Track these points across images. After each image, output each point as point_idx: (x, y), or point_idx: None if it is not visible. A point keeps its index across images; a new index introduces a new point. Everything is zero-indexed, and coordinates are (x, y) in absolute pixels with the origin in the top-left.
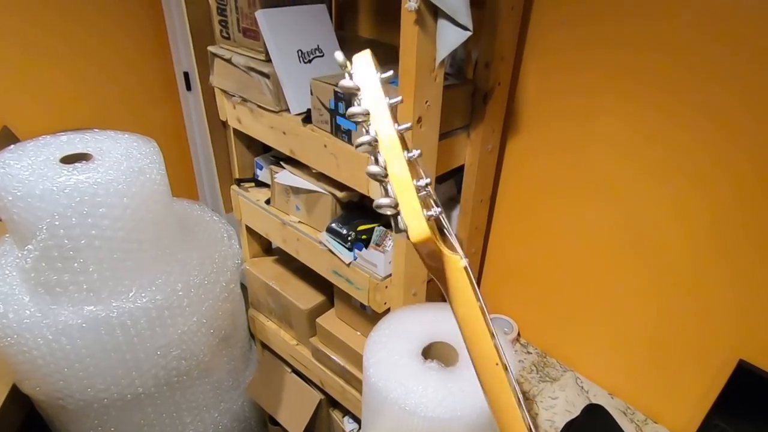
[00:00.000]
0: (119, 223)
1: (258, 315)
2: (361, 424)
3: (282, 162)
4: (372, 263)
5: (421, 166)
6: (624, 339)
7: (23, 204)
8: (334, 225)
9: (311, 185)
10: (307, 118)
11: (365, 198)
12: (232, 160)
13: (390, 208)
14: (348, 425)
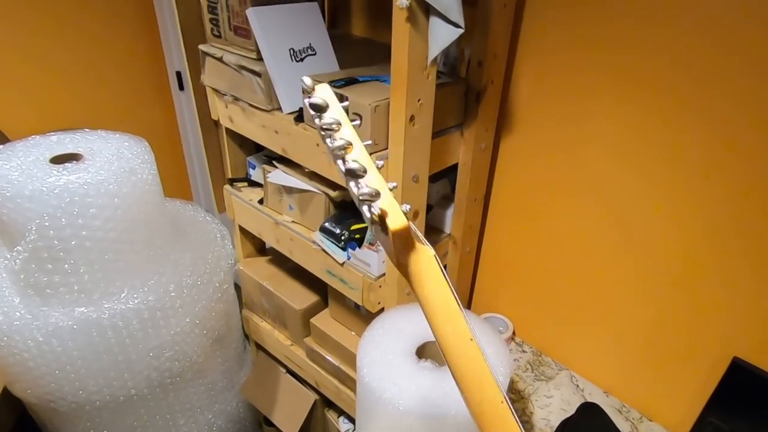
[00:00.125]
0: (110, 224)
1: (252, 315)
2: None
3: (275, 161)
4: (365, 263)
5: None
6: (619, 337)
7: (12, 204)
8: (327, 224)
9: (304, 184)
10: (300, 117)
11: None
12: (224, 159)
13: (369, 198)
14: (343, 425)
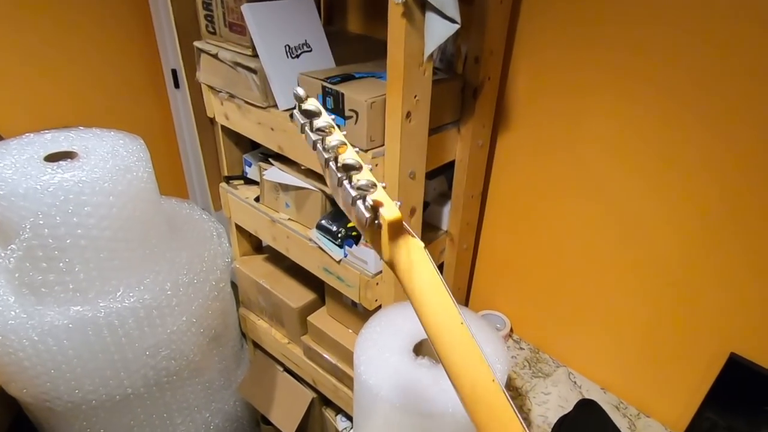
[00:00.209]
0: (105, 222)
1: (249, 314)
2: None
3: (271, 159)
4: (362, 260)
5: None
6: (616, 334)
7: (6, 203)
8: (324, 222)
9: (300, 182)
10: None
11: None
12: (220, 157)
13: (366, 188)
14: (341, 423)
